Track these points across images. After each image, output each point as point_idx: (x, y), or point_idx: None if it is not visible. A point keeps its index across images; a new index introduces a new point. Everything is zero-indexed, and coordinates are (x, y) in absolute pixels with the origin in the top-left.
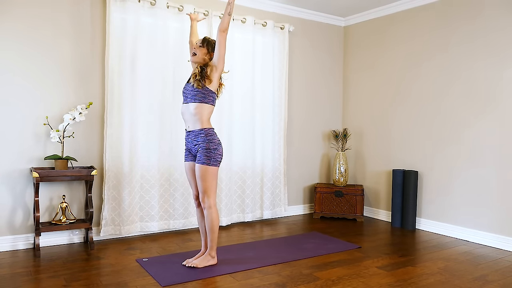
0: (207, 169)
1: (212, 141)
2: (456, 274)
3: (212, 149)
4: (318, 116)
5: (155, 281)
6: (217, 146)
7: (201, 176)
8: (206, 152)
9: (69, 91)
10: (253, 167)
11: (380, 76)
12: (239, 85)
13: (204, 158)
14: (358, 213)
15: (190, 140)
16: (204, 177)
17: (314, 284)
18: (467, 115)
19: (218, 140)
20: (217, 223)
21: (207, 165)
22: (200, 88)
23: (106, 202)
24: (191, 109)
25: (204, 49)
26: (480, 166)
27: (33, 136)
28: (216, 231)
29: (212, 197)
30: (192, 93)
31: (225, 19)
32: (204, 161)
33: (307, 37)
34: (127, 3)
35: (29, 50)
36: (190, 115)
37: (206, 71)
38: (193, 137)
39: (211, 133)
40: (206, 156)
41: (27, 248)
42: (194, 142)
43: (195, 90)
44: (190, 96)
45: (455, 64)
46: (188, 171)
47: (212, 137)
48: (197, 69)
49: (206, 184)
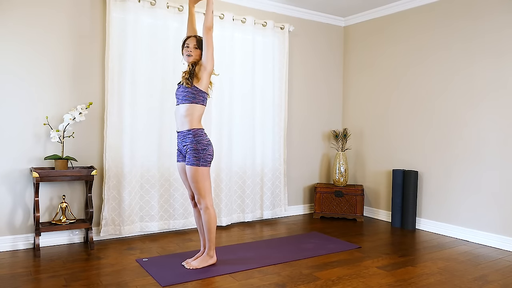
0: (197, 170)
1: (200, 142)
2: (456, 274)
3: (200, 150)
4: (318, 116)
5: (155, 281)
6: (206, 146)
7: (192, 177)
8: (195, 152)
9: (69, 91)
10: (253, 167)
11: (380, 76)
12: (239, 85)
13: (193, 159)
14: (358, 213)
15: (179, 141)
16: (195, 178)
17: (314, 284)
18: (467, 115)
19: (207, 140)
20: (214, 224)
21: (196, 166)
22: (189, 87)
23: (106, 202)
24: (182, 110)
25: (199, 50)
26: (480, 166)
27: (33, 136)
28: (213, 231)
29: (208, 197)
30: (182, 94)
31: (209, 16)
32: (194, 162)
33: (307, 37)
34: (127, 3)
35: (29, 50)
36: (180, 116)
37: (195, 69)
38: (181, 138)
39: (200, 134)
40: (194, 157)
41: (27, 248)
42: (183, 143)
43: (185, 91)
44: (181, 97)
45: (455, 64)
46: (181, 172)
47: (201, 137)
48: (189, 66)
49: (198, 185)
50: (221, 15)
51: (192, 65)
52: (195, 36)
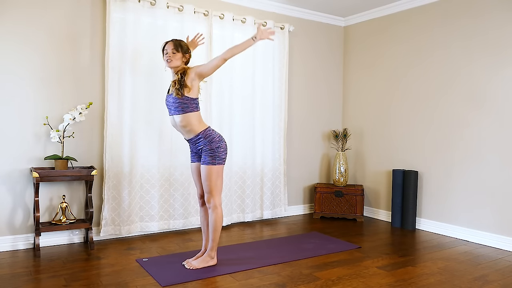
0: (212, 169)
1: (213, 141)
2: (456, 274)
3: (215, 148)
4: (318, 116)
5: (155, 281)
6: (219, 143)
7: (206, 175)
8: (210, 152)
9: (69, 91)
10: (253, 167)
11: (380, 76)
12: (239, 85)
13: (209, 159)
14: (358, 213)
15: (192, 146)
16: (209, 177)
17: (314, 284)
18: (467, 115)
19: (218, 136)
20: (220, 223)
21: (212, 165)
22: (180, 97)
23: (106, 202)
24: (177, 121)
25: (179, 53)
26: (480, 166)
27: (33, 136)
28: (219, 231)
29: (218, 197)
30: (174, 104)
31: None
32: (209, 161)
33: (307, 37)
34: (127, 3)
35: (29, 50)
36: (180, 127)
37: (184, 79)
38: (193, 143)
39: (209, 133)
40: (210, 156)
41: (27, 248)
42: (196, 147)
43: (176, 102)
44: (173, 108)
45: (455, 63)
46: (194, 171)
47: (211, 136)
48: (177, 76)
49: (211, 184)
50: (221, 15)
51: (181, 74)
52: (172, 40)
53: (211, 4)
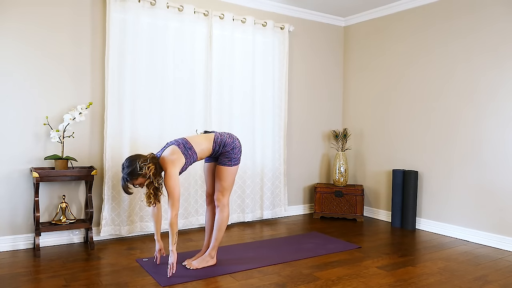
0: (228, 170)
1: (225, 145)
2: (456, 274)
3: (230, 151)
4: (318, 116)
5: (155, 281)
6: (232, 143)
7: (221, 175)
8: (226, 155)
9: (69, 91)
10: (253, 167)
11: (380, 76)
12: (239, 85)
13: (226, 160)
14: (358, 213)
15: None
16: (225, 177)
17: (314, 284)
18: (467, 115)
19: (226, 136)
20: (226, 223)
21: (228, 166)
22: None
23: (106, 202)
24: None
25: (140, 179)
26: (480, 166)
27: (33, 136)
28: (223, 231)
29: (227, 196)
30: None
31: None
32: (226, 163)
33: (307, 37)
34: (127, 3)
35: (29, 50)
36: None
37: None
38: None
39: (219, 141)
40: (227, 158)
41: (27, 248)
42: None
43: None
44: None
45: (455, 63)
46: (207, 171)
47: (223, 141)
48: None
49: (225, 184)
50: (221, 15)
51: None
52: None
53: (211, 4)
